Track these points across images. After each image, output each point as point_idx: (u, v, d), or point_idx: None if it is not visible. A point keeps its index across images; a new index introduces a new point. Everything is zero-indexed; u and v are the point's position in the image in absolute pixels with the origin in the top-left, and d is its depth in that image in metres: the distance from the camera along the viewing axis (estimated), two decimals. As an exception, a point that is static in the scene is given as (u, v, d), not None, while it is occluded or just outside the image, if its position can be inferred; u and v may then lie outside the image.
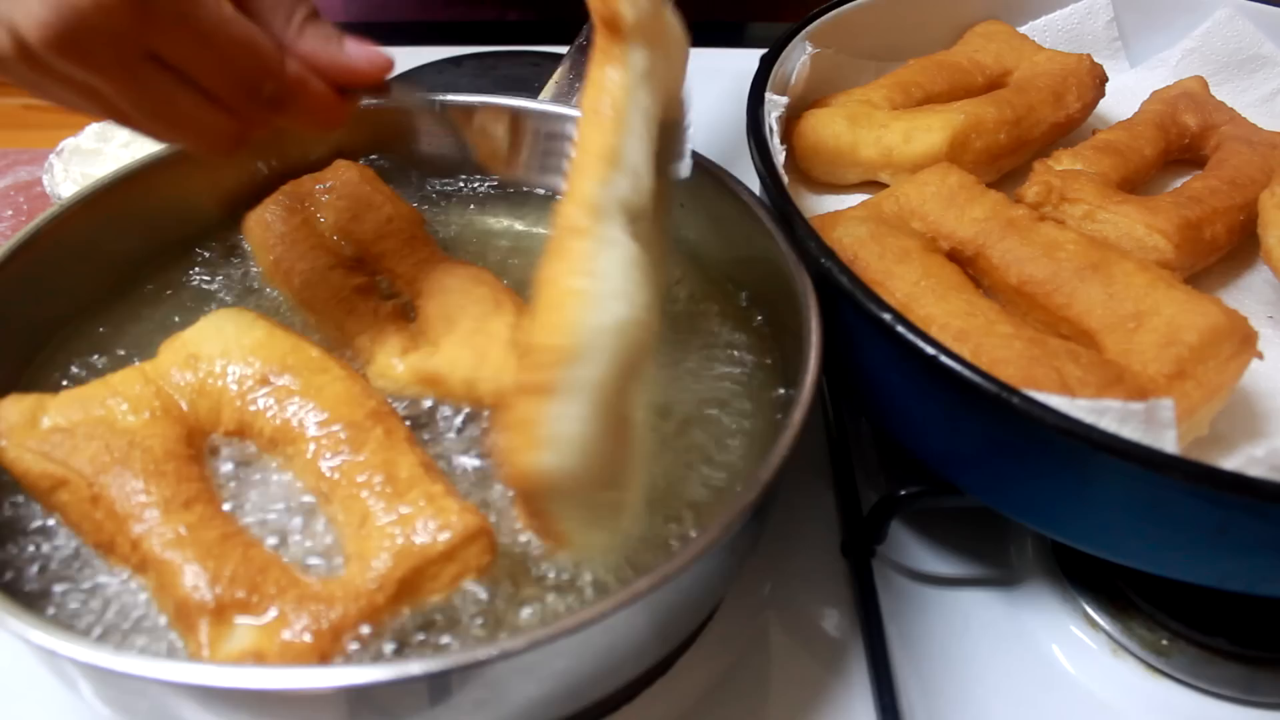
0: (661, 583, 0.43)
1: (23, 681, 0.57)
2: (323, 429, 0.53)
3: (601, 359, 0.44)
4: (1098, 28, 0.94)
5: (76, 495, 0.50)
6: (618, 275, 0.47)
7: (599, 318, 0.45)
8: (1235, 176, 0.74)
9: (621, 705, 0.57)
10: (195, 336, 0.57)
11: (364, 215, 0.68)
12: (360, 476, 0.51)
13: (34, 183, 0.96)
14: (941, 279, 0.63)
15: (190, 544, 0.48)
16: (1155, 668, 0.60)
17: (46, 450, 0.51)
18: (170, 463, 0.51)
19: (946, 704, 0.58)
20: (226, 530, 0.49)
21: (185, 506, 0.49)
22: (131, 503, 0.49)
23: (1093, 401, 0.51)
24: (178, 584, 0.47)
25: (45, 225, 0.62)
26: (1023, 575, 0.65)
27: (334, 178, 0.70)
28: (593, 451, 0.43)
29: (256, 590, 0.47)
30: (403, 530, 0.48)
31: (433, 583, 0.48)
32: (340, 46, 0.53)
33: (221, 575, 0.47)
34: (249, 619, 0.46)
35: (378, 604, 0.47)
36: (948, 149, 0.75)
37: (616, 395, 0.45)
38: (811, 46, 0.82)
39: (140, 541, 0.48)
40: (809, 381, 0.52)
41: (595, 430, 0.43)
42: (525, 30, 1.22)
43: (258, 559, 0.48)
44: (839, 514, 0.68)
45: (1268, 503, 0.48)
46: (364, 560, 0.48)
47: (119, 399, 0.53)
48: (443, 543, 0.48)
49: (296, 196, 0.69)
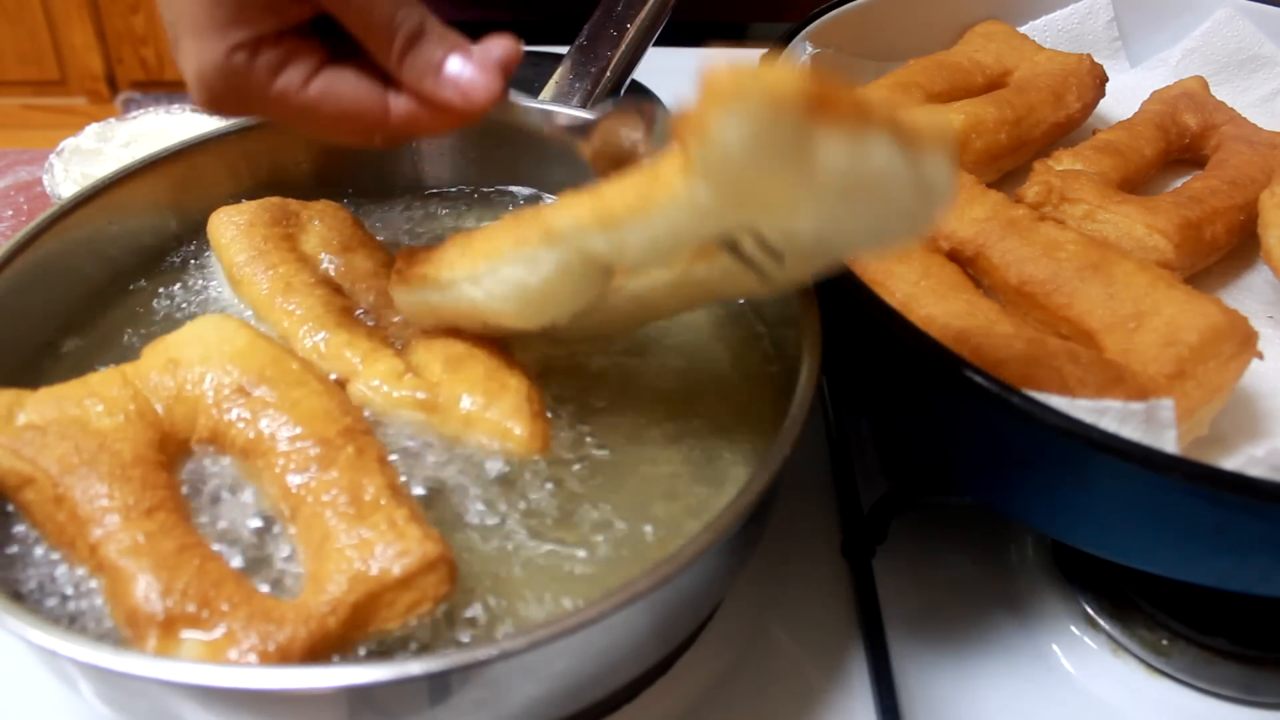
0: (661, 583, 0.43)
1: (23, 681, 0.57)
2: (293, 444, 0.51)
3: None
4: (1098, 28, 0.94)
5: (41, 495, 0.49)
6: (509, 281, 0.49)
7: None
8: (1235, 176, 0.74)
9: (621, 705, 0.57)
10: (178, 341, 0.56)
11: (355, 253, 0.66)
12: (326, 495, 0.49)
13: (34, 183, 0.96)
14: (941, 279, 0.63)
15: (146, 553, 0.47)
16: (1155, 668, 0.60)
17: (17, 447, 0.50)
18: (138, 468, 0.50)
19: (946, 704, 0.58)
20: (186, 541, 0.48)
21: (147, 514, 0.48)
22: (93, 506, 0.48)
23: (1093, 401, 0.51)
24: (130, 592, 0.46)
25: (45, 225, 0.62)
26: (1023, 575, 0.65)
27: (325, 211, 0.69)
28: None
29: (208, 605, 0.45)
30: (360, 554, 0.47)
31: (388, 610, 0.47)
32: (438, 78, 0.52)
33: (174, 588, 0.45)
34: (197, 634, 0.45)
35: (328, 628, 0.45)
36: (948, 149, 0.75)
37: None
38: (812, 46, 0.82)
39: (97, 547, 0.47)
40: (809, 381, 0.52)
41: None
42: (525, 30, 1.22)
43: (213, 573, 0.47)
44: (839, 514, 0.68)
45: (1267, 503, 0.48)
46: (319, 582, 0.47)
47: (95, 399, 0.52)
48: (399, 570, 0.46)
49: (281, 211, 0.68)
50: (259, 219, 0.66)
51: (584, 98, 0.76)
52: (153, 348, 0.56)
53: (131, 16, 3.10)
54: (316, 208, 0.69)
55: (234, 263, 0.65)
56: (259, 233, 0.65)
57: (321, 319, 0.60)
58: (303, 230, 0.68)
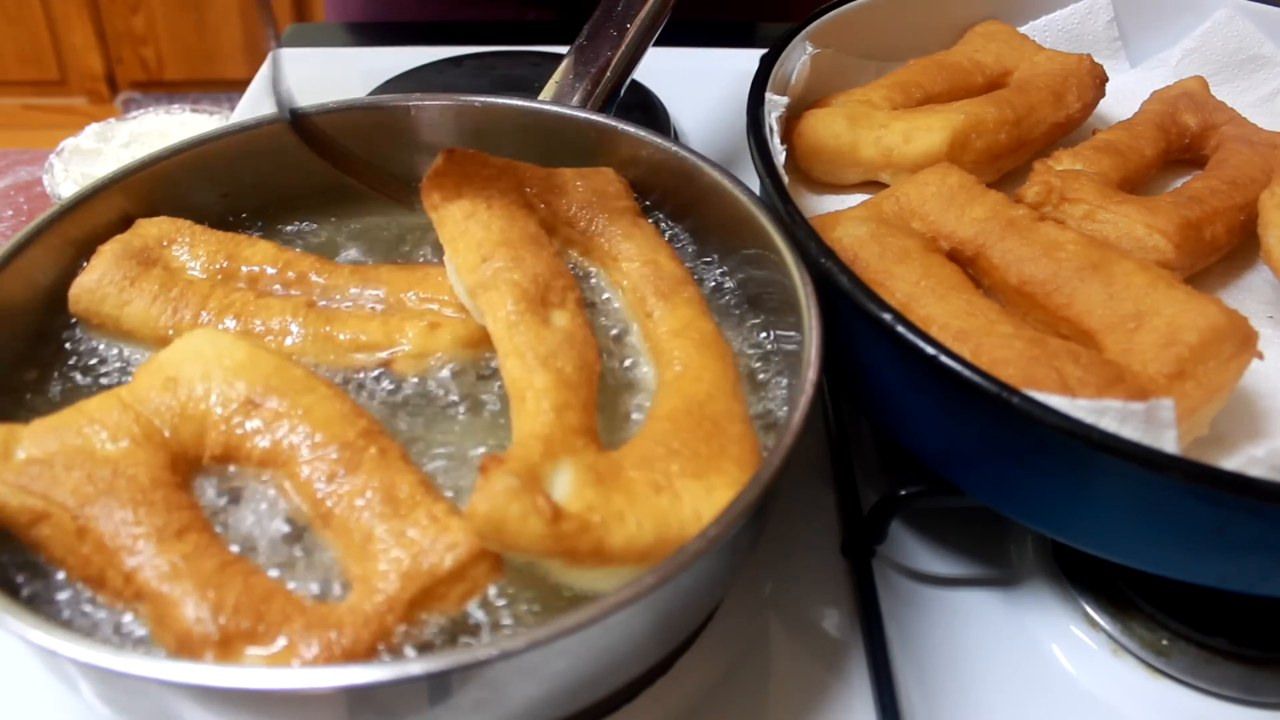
0: (661, 583, 0.43)
1: (23, 681, 0.57)
2: (315, 451, 0.51)
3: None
4: (1098, 28, 0.94)
5: (60, 529, 0.48)
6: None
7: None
8: (1235, 176, 0.74)
9: (621, 705, 0.57)
10: (172, 358, 0.55)
11: (243, 254, 0.65)
12: (360, 499, 0.49)
13: (34, 183, 0.96)
14: (941, 279, 0.63)
15: (187, 575, 0.46)
16: (1155, 668, 0.60)
17: (24, 483, 0.49)
18: (158, 491, 0.49)
19: (946, 704, 0.58)
20: (224, 559, 0.48)
21: (178, 536, 0.48)
22: (122, 535, 0.47)
23: (1093, 401, 0.51)
24: (178, 616, 0.45)
25: (45, 225, 0.62)
26: (1023, 575, 0.65)
27: (169, 229, 0.65)
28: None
29: (262, 619, 0.45)
30: (409, 551, 0.47)
31: (441, 603, 0.47)
32: None
33: (224, 605, 0.45)
34: (257, 649, 0.45)
35: (388, 627, 0.46)
36: (948, 149, 0.76)
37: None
38: (811, 46, 0.82)
39: (134, 574, 0.47)
40: (809, 381, 0.52)
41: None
42: (526, 30, 1.22)
43: (259, 587, 0.47)
44: (839, 514, 0.68)
45: (1268, 503, 0.48)
46: (369, 583, 0.47)
47: (96, 427, 0.51)
48: (451, 562, 0.47)
49: (131, 249, 0.63)
50: (129, 271, 0.62)
51: (584, 98, 0.76)
52: (145, 368, 0.55)
53: (131, 16, 3.10)
54: (151, 231, 0.65)
55: (151, 324, 0.61)
56: (144, 284, 0.61)
57: (309, 320, 0.60)
58: (169, 258, 0.64)
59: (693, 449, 0.51)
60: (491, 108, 0.73)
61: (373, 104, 0.73)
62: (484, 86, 1.05)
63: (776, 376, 0.62)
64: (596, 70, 0.77)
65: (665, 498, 0.48)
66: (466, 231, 0.61)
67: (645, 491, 0.48)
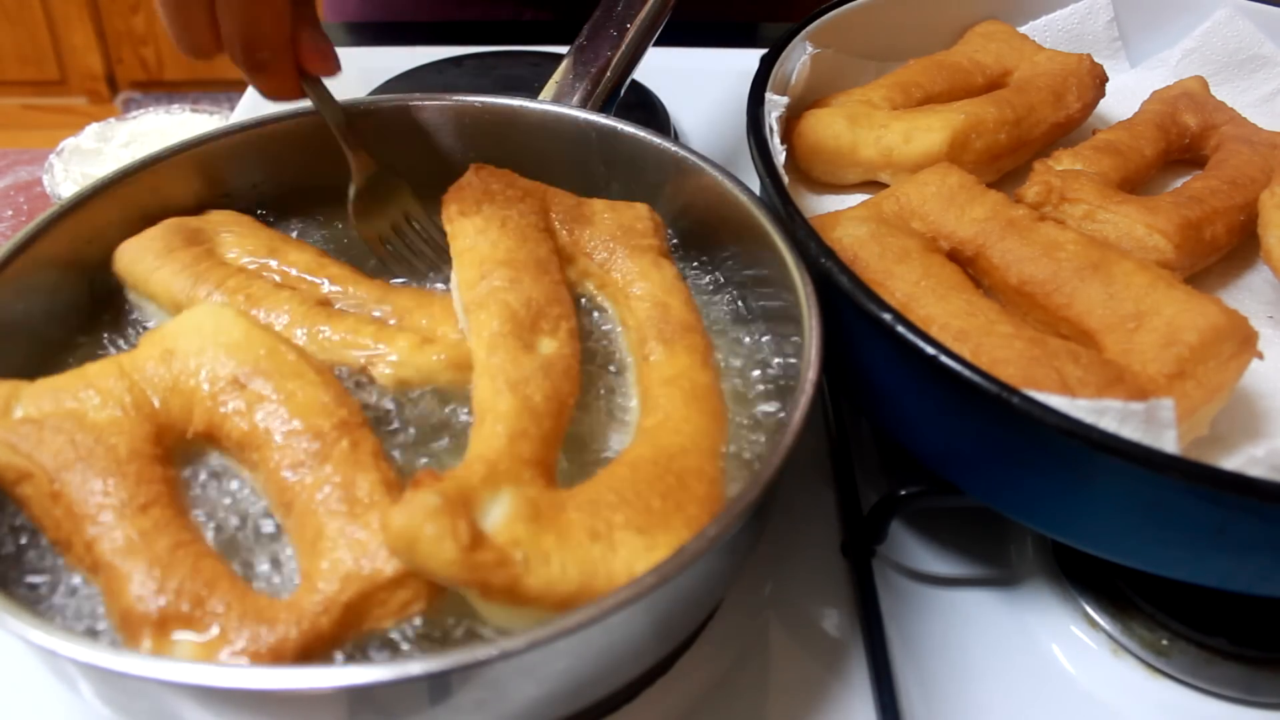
0: (661, 583, 0.43)
1: (23, 681, 0.57)
2: (288, 438, 0.51)
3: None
4: (1098, 28, 0.94)
5: (39, 490, 0.49)
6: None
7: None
8: (1235, 176, 0.74)
9: (621, 705, 0.57)
10: (174, 331, 0.55)
11: (283, 252, 0.65)
12: (319, 493, 0.49)
13: (34, 183, 0.96)
14: (941, 279, 0.63)
15: (141, 551, 0.46)
16: (1155, 668, 0.60)
17: (14, 441, 0.50)
18: (133, 463, 0.49)
19: (946, 704, 0.58)
20: (180, 538, 0.47)
21: (142, 510, 0.48)
22: (89, 503, 0.48)
23: (1093, 401, 0.51)
24: (124, 592, 0.45)
25: (45, 225, 0.62)
26: (1023, 575, 0.65)
27: (225, 220, 0.67)
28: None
29: (201, 605, 0.45)
30: (353, 553, 0.47)
31: (380, 609, 0.46)
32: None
33: (167, 586, 0.45)
34: (190, 635, 0.45)
35: (320, 627, 0.45)
36: (948, 149, 0.76)
37: None
38: (811, 46, 0.82)
39: (93, 544, 0.47)
40: (809, 381, 0.52)
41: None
42: (525, 30, 1.22)
43: (207, 570, 0.46)
44: (839, 514, 0.68)
45: (1268, 503, 0.48)
46: (311, 580, 0.47)
47: (92, 391, 0.52)
48: (393, 570, 0.46)
49: (185, 227, 0.65)
50: (172, 242, 0.64)
51: (584, 98, 0.76)
52: (149, 337, 0.56)
53: (131, 16, 3.10)
54: (215, 219, 0.67)
55: (170, 290, 0.62)
56: (181, 255, 0.63)
57: (309, 316, 0.60)
58: (217, 243, 0.66)
59: (645, 501, 0.48)
60: (491, 108, 0.73)
61: (373, 104, 0.73)
62: (484, 86, 1.05)
63: (776, 377, 0.62)
64: (596, 70, 0.77)
65: (600, 547, 0.46)
66: (473, 247, 0.61)
67: (580, 537, 0.46)
